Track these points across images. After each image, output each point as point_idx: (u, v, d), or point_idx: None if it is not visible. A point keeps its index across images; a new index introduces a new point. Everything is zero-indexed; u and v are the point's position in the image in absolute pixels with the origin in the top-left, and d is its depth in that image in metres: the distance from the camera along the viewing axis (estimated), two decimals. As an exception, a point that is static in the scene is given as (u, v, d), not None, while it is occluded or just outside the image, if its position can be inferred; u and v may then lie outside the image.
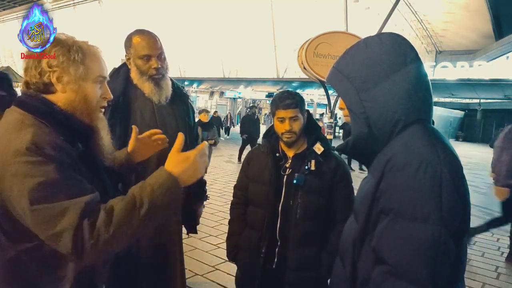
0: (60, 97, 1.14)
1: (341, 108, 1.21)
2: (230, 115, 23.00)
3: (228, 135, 21.67)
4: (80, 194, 1.01)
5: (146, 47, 1.99)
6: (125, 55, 2.06)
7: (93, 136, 1.22)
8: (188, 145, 2.18)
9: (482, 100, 26.12)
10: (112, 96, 1.26)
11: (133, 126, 1.56)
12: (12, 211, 1.02)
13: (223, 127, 21.21)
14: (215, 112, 19.25)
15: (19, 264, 1.06)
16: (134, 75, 2.03)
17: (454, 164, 1.00)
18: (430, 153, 0.99)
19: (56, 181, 0.99)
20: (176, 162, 1.12)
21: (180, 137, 1.19)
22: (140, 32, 2.04)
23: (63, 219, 0.97)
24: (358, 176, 7.93)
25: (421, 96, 1.09)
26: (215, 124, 15.29)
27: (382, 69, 1.09)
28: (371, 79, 1.10)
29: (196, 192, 2.28)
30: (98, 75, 1.19)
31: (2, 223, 1.05)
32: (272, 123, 2.06)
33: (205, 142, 1.24)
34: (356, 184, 2.17)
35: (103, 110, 1.25)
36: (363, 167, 8.83)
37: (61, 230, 0.97)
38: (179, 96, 2.19)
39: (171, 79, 2.14)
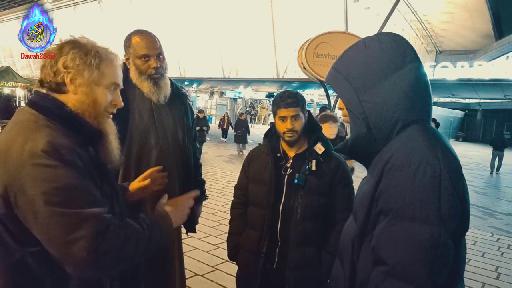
0: (70, 98, 1.15)
1: (340, 108, 1.21)
2: (228, 116, 20.36)
3: (225, 137, 19.42)
4: (93, 204, 1.01)
5: (145, 47, 2.00)
6: (124, 55, 2.07)
7: (102, 140, 1.22)
8: (186, 145, 2.18)
9: (482, 100, 26.11)
10: (122, 104, 1.27)
11: (147, 177, 1.53)
12: (18, 214, 1.01)
13: (221, 129, 19.43)
14: (241, 114, 17.12)
15: (25, 267, 1.06)
16: (133, 74, 2.03)
17: (453, 165, 1.00)
18: (429, 154, 0.99)
19: (71, 187, 0.99)
20: (172, 210, 1.31)
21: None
22: (139, 32, 2.05)
23: (80, 227, 0.97)
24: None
25: (420, 96, 1.09)
26: (243, 127, 14.33)
27: (381, 69, 1.09)
28: (370, 79, 1.09)
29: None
30: (111, 82, 1.19)
31: (9, 225, 1.04)
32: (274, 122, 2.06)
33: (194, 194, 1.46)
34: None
35: (111, 116, 1.25)
36: None
37: (76, 237, 0.96)
38: (178, 96, 2.20)
39: (170, 79, 2.15)
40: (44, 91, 1.16)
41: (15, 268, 1.06)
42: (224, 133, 19.65)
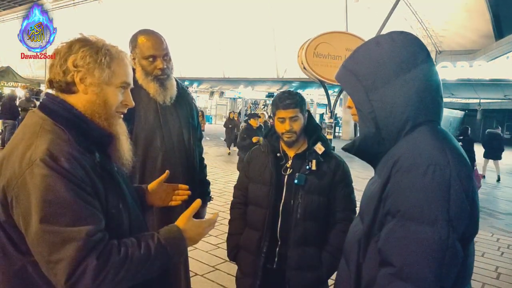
0: (80, 98, 1.12)
1: (349, 107, 1.18)
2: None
3: (233, 146, 13.71)
4: (83, 221, 0.97)
5: (152, 47, 1.98)
6: (130, 55, 2.04)
7: (112, 143, 1.18)
8: (192, 146, 2.17)
9: (482, 100, 26.10)
10: (134, 104, 1.24)
11: (167, 171, 1.50)
12: (16, 222, 1.00)
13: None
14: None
15: (25, 276, 1.04)
16: (139, 75, 2.01)
17: (462, 167, 0.98)
18: (438, 155, 0.97)
19: (64, 200, 0.96)
20: (190, 226, 1.19)
21: (197, 203, 1.24)
22: (145, 32, 2.03)
23: (63, 248, 0.94)
24: (358, 176, 7.93)
25: (431, 97, 1.08)
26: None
27: (392, 69, 1.07)
28: (381, 78, 1.08)
29: (200, 193, 2.27)
30: (122, 81, 1.16)
31: (10, 232, 1.03)
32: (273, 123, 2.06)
33: (217, 214, 1.30)
34: (356, 184, 2.17)
35: (121, 116, 1.22)
36: None
37: (58, 259, 0.94)
38: (183, 97, 2.18)
39: (176, 80, 2.13)
40: (53, 92, 1.13)
41: (16, 276, 1.04)
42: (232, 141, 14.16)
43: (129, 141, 1.26)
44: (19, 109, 11.38)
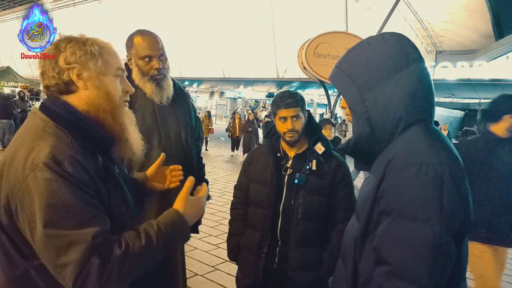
0: (82, 96, 1.10)
1: (342, 107, 1.20)
2: (240, 119, 13.58)
3: (237, 149, 13.38)
4: (87, 224, 0.96)
5: (147, 47, 1.99)
6: (126, 56, 2.05)
7: (116, 143, 1.17)
8: (189, 146, 2.18)
9: (482, 100, 26.11)
10: (133, 90, 1.22)
11: (162, 154, 1.50)
12: (19, 226, 0.99)
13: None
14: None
15: (29, 280, 1.03)
16: (135, 75, 2.02)
17: (455, 165, 1.00)
18: (431, 154, 0.99)
19: (68, 204, 0.95)
20: (188, 206, 1.17)
21: (190, 181, 1.21)
22: (141, 32, 2.04)
23: (69, 252, 0.93)
24: (358, 176, 7.91)
25: (423, 97, 1.09)
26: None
27: (385, 69, 1.08)
28: (374, 78, 1.09)
29: None
30: (117, 68, 1.15)
31: (13, 236, 1.02)
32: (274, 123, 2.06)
33: (205, 185, 1.28)
34: (356, 183, 2.17)
35: (127, 104, 1.20)
36: None
37: (64, 262, 0.93)
38: (181, 96, 2.19)
39: (172, 79, 2.14)
40: (55, 94, 1.11)
41: (19, 281, 1.04)
42: (236, 145, 13.33)
43: (137, 129, 1.25)
44: (18, 110, 11.32)
